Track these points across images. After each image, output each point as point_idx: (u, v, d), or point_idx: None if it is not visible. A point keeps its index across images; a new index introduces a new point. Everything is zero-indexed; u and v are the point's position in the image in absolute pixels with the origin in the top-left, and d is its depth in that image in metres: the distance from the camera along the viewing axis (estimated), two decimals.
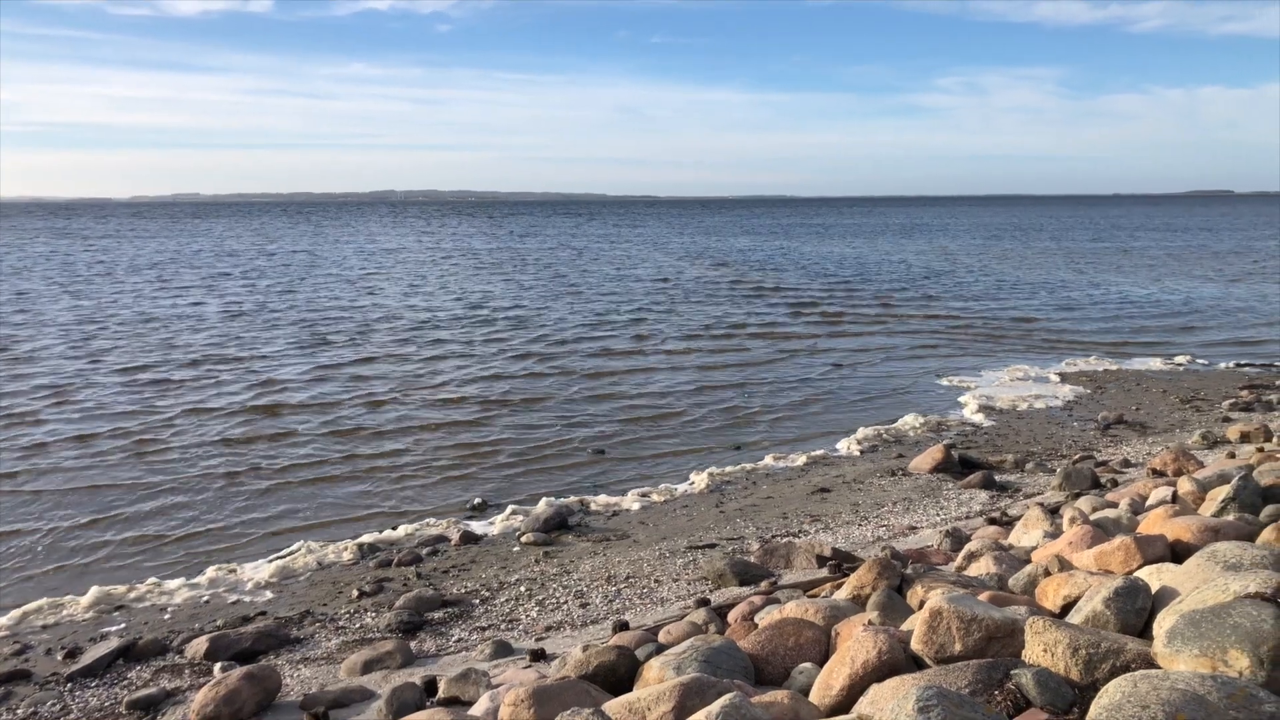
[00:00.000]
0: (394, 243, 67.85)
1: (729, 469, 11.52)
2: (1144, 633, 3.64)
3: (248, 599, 8.03)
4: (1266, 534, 4.75)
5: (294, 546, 9.14)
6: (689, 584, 7.76)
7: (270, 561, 8.79)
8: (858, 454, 12.24)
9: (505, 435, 13.27)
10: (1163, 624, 3.40)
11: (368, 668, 6.27)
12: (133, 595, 8.04)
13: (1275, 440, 10.81)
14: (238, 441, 12.90)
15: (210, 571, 8.52)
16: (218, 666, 6.37)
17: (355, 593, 7.98)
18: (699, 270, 41.38)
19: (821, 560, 7.60)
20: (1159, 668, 3.15)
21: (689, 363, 18.91)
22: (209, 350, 20.14)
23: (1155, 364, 18.55)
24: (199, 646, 6.70)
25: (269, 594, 8.13)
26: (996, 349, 20.85)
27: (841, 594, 5.59)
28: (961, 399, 15.41)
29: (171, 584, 8.27)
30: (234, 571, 8.58)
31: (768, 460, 11.93)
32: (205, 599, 8.03)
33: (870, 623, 4.54)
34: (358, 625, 7.32)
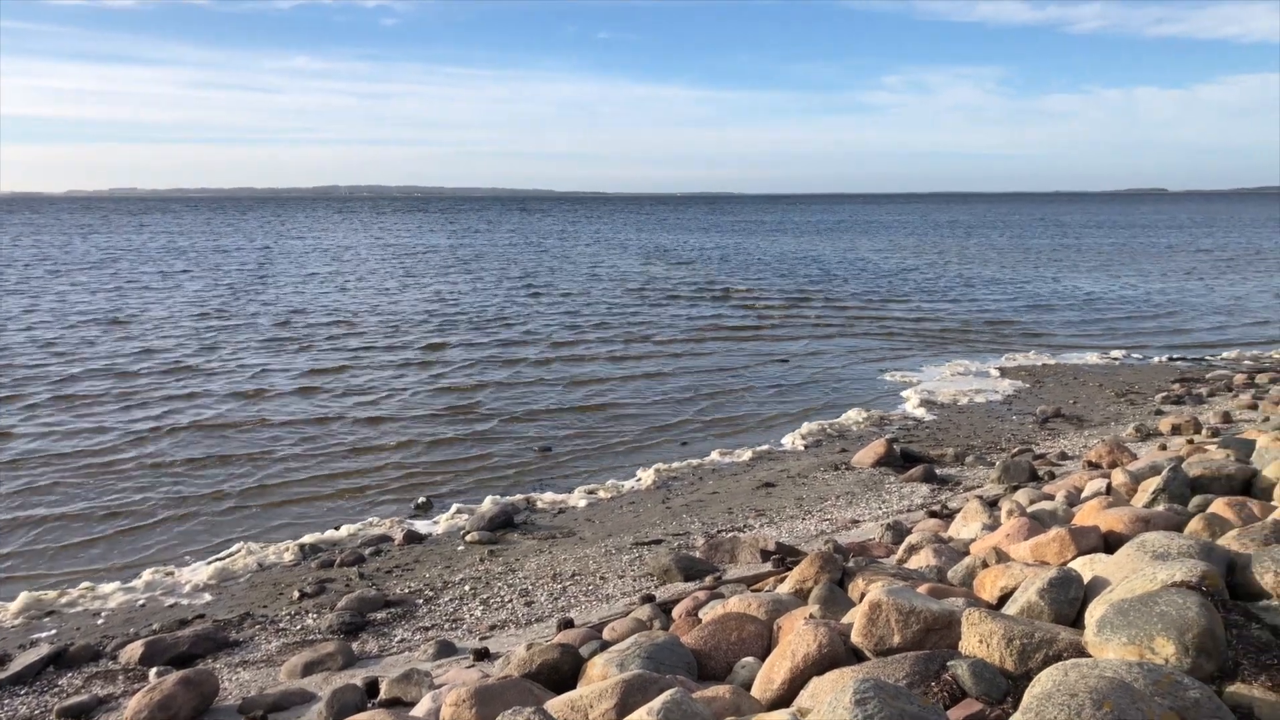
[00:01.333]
0: (347, 240, 66.64)
1: (676, 465, 11.55)
2: (1076, 622, 3.71)
3: (185, 602, 7.88)
4: (1193, 524, 4.87)
5: (234, 548, 8.98)
6: (634, 580, 7.77)
7: (209, 563, 8.63)
8: (802, 449, 12.35)
9: (451, 433, 13.17)
10: (1094, 613, 3.48)
11: (308, 670, 6.18)
12: (64, 600, 7.84)
13: (1204, 432, 11.11)
14: (175, 442, 12.64)
15: (146, 574, 8.33)
16: (153, 671, 6.23)
17: (296, 594, 7.86)
18: (656, 269, 41.30)
19: (765, 555, 7.64)
20: (1090, 656, 3.21)
21: (639, 361, 18.92)
22: (148, 347, 19.73)
23: (1092, 358, 18.96)
24: (134, 651, 6.55)
25: (207, 596, 7.98)
26: (944, 345, 21.14)
27: (784, 588, 5.63)
28: (904, 394, 15.61)
29: (106, 588, 8.08)
30: (171, 574, 8.40)
31: (714, 456, 11.98)
32: (141, 603, 7.86)
33: (811, 616, 4.58)
34: (299, 627, 7.21)
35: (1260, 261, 44.06)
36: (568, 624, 6.45)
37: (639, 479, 11.07)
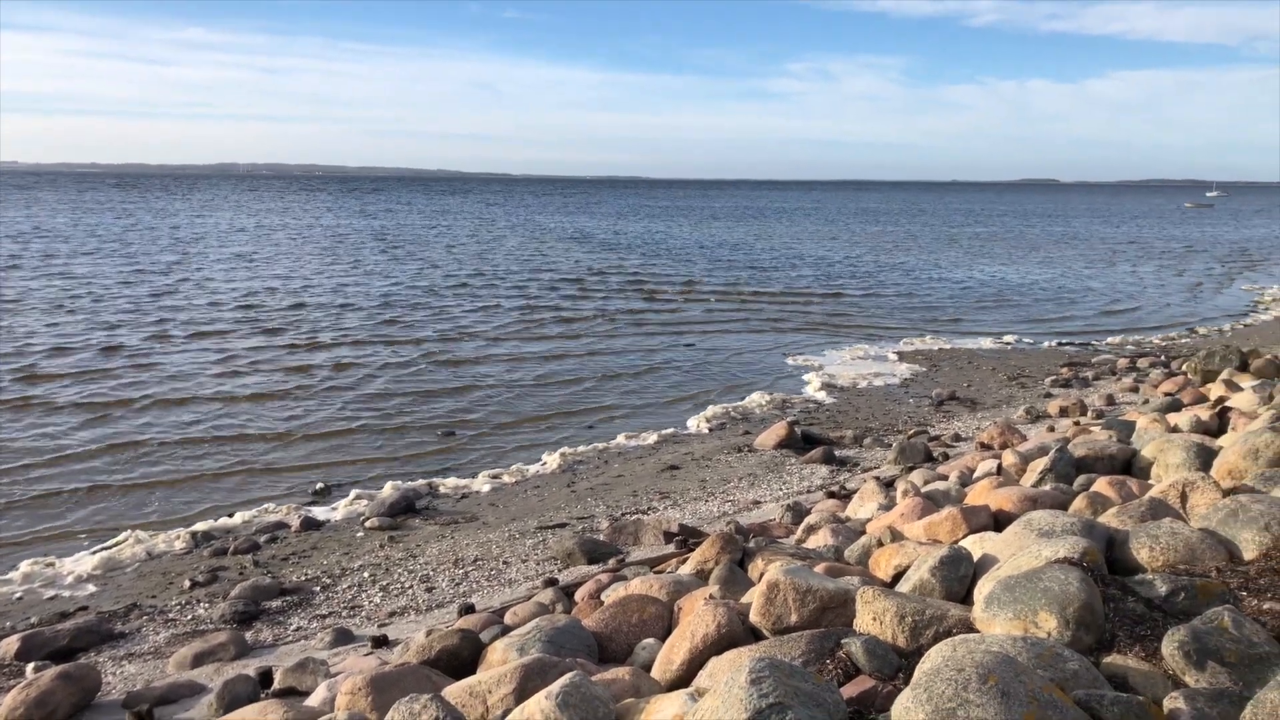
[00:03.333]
0: (266, 220, 63.58)
1: (581, 449, 11.52)
2: (967, 599, 3.82)
3: (67, 594, 7.54)
4: (1077, 502, 5.06)
5: (121, 536, 8.62)
6: (538, 564, 7.73)
7: (93, 553, 8.27)
8: (707, 431, 12.45)
9: (352, 418, 12.88)
10: (982, 590, 3.58)
11: (199, 661, 5.98)
12: None
13: (1090, 414, 11.57)
14: (58, 426, 12.08)
15: (24, 566, 7.94)
16: (29, 667, 5.95)
17: (187, 583, 7.60)
18: (569, 252, 41.04)
19: (669, 536, 7.68)
20: (979, 632, 3.30)
21: (547, 346, 18.81)
22: (39, 333, 18.82)
23: (985, 343, 19.57)
24: (9, 646, 6.24)
25: (92, 587, 7.66)
26: (845, 329, 21.53)
27: (686, 569, 5.66)
28: (806, 377, 15.87)
29: None
30: (52, 565, 8.02)
31: (620, 439, 11.99)
32: (18, 595, 7.49)
33: (711, 597, 4.61)
34: (189, 617, 6.98)
35: (1188, 254, 46.14)
36: (469, 609, 6.38)
37: (544, 463, 11.01)
